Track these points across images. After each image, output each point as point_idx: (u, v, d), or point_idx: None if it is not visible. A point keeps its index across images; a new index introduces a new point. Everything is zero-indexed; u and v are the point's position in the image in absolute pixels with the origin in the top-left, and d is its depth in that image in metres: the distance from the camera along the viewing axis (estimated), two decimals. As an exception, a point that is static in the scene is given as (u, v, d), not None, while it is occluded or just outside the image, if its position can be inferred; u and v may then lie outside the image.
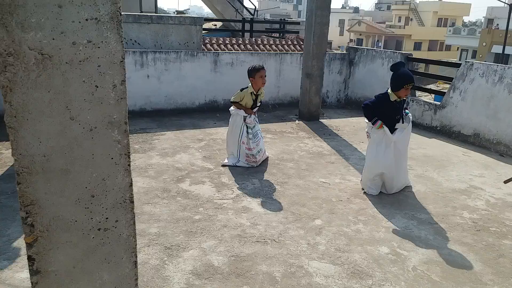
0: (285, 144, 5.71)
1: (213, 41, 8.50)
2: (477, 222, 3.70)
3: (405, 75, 3.85)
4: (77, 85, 1.03)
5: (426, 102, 7.02)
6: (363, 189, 4.24)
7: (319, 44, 6.69)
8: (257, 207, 3.79)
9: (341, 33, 56.81)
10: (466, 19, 59.40)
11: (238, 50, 8.17)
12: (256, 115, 4.80)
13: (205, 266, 2.84)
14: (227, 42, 8.47)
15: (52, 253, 1.09)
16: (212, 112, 7.15)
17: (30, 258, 1.08)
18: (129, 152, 1.14)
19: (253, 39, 8.86)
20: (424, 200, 4.11)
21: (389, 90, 3.97)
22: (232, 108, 4.75)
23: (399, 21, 54.45)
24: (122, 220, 1.16)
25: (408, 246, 3.25)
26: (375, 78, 7.84)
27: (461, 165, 5.25)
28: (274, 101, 7.83)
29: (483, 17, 46.04)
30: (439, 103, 6.75)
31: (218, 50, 8.15)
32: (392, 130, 4.00)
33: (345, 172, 4.81)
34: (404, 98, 4.01)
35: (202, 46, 7.72)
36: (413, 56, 7.34)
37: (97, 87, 1.06)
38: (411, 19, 53.14)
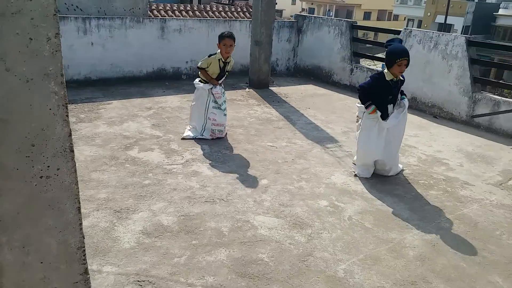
0: (235, 112, 5.81)
1: (160, 8, 8.27)
2: (408, 176, 4.07)
3: (398, 49, 3.59)
4: (11, 37, 1.07)
5: (368, 68, 7.37)
6: (355, 174, 3.99)
7: (267, 11, 6.74)
8: (206, 171, 3.91)
9: (293, 2, 56.54)
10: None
11: (186, 17, 8.02)
12: (223, 85, 4.66)
13: (155, 226, 2.95)
14: (174, 8, 8.27)
15: (-5, 200, 1.16)
16: (160, 80, 7.06)
17: (-27, 205, 1.14)
18: (66, 103, 1.20)
19: (202, 5, 8.72)
20: (363, 159, 4.42)
21: (385, 70, 3.73)
22: (196, 80, 4.64)
23: (350, -10, 54.95)
24: (64, 168, 1.23)
25: (345, 199, 3.53)
26: (322, 45, 8.05)
27: (398, 127, 5.63)
28: (224, 69, 7.85)
29: (428, -14, 47.52)
30: (380, 69, 7.09)
31: (165, 16, 7.95)
32: (385, 111, 3.76)
33: (292, 136, 5.03)
34: (401, 78, 3.78)
35: (149, 12, 7.50)
36: (357, 24, 7.59)
37: (31, 39, 1.10)
38: (361, -12, 53.80)
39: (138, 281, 2.39)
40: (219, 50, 4.43)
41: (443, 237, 3.05)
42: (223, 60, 4.47)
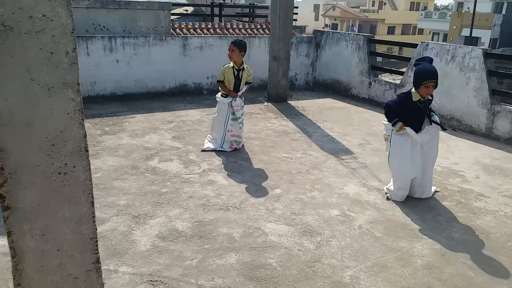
0: (253, 124, 5.97)
1: (183, 26, 8.62)
2: (421, 188, 4.07)
3: (425, 71, 3.42)
4: (35, 52, 1.25)
5: (387, 81, 7.39)
6: (387, 196, 3.82)
7: (285, 27, 6.93)
8: (222, 180, 4.05)
9: (316, 18, 56.95)
10: (438, 2, 60.66)
11: (208, 34, 8.32)
12: (243, 98, 4.79)
13: (170, 231, 3.10)
14: (196, 26, 8.60)
15: (19, 192, 1.32)
16: (182, 95, 7.33)
17: (1, 196, 1.31)
18: (82, 109, 1.37)
19: (223, 23, 9.02)
20: (377, 170, 4.46)
21: (412, 89, 3.58)
22: (218, 95, 4.84)
23: (373, 5, 54.95)
24: (79, 166, 1.40)
25: (356, 209, 3.59)
26: (340, 60, 8.15)
27: (415, 139, 5.63)
28: (244, 84, 8.06)
29: (453, 0, 47.05)
30: (399, 82, 7.13)
31: (187, 34, 8.28)
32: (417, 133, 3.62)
33: (307, 148, 5.12)
34: (430, 98, 3.62)
35: (171, 30, 7.83)
36: (374, 38, 7.67)
37: (52, 53, 1.28)
38: (385, 3, 53.73)
39: (151, 281, 2.53)
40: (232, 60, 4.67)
41: (453, 247, 3.05)
42: (236, 68, 4.66)
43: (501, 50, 30.72)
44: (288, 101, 7.47)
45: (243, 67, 4.71)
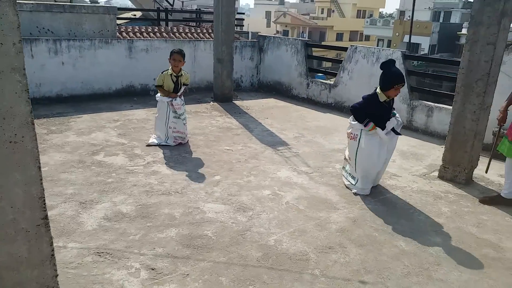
0: (198, 122, 6.32)
1: (129, 30, 8.82)
2: (345, 171, 4.63)
3: (396, 75, 3.68)
4: (-12, 43, 1.57)
5: (322, 82, 8.03)
6: (354, 192, 4.02)
7: (227, 31, 7.36)
8: (165, 170, 4.38)
9: (268, 25, 58.13)
10: (383, 11, 63.95)
11: (154, 38, 8.58)
12: (182, 98, 5.10)
13: (115, 213, 3.39)
14: (143, 30, 8.83)
15: (-22, 157, 1.63)
16: (129, 96, 7.53)
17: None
18: (27, 90, 1.70)
19: (169, 27, 9.31)
20: (307, 158, 4.98)
21: (378, 90, 3.81)
22: (158, 95, 5.11)
23: (322, 12, 56.98)
24: (27, 136, 1.71)
25: (285, 189, 4.06)
26: (281, 63, 8.71)
27: (345, 132, 6.25)
28: (191, 85, 8.33)
29: (396, 9, 49.79)
30: (332, 82, 7.78)
31: (133, 38, 8.49)
32: (382, 128, 3.88)
33: (248, 141, 5.56)
34: (393, 98, 3.90)
35: (118, 34, 8.02)
36: (311, 43, 8.30)
37: (2, 44, 1.60)
38: (333, 11, 55.88)
39: (98, 253, 2.83)
40: (170, 66, 4.95)
41: (364, 215, 3.59)
42: (175, 75, 4.95)
43: (439, 55, 33.17)
44: (233, 101, 7.89)
45: (182, 73, 5.02)
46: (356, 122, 3.93)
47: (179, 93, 5.06)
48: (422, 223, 3.50)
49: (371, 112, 3.82)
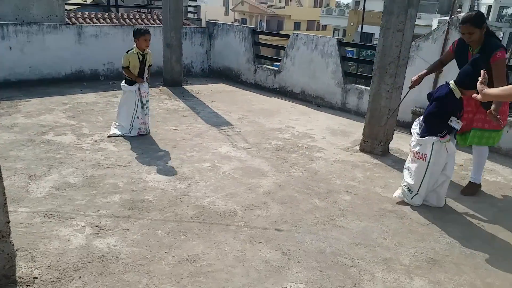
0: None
1: (78, 15, 8.86)
2: (279, 146, 5.15)
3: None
4: None
5: (268, 68, 8.53)
6: (407, 202, 3.79)
7: (176, 17, 7.65)
8: (111, 147, 4.70)
9: (226, 13, 57.81)
10: (341, 0, 65.10)
11: (104, 24, 8.69)
12: (147, 84, 5.10)
13: (63, 183, 3.71)
14: (92, 16, 8.90)
15: None
16: (79, 81, 7.67)
17: None
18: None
19: (120, 13, 9.42)
20: (248, 136, 5.45)
21: (452, 85, 3.39)
22: (122, 83, 5.03)
23: (280, 1, 57.38)
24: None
25: (224, 161, 4.52)
26: (230, 49, 9.11)
27: (286, 114, 6.80)
28: (142, 71, 8.61)
29: (351, -1, 50.94)
30: (277, 68, 8.29)
31: (83, 23, 8.56)
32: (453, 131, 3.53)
33: (194, 121, 5.96)
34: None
35: (66, 19, 8.08)
36: (257, 30, 8.75)
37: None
38: (291, 0, 56.46)
39: (46, 215, 3.16)
40: (135, 45, 4.92)
41: (289, 181, 4.13)
42: (141, 53, 4.94)
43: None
44: (183, 86, 8.22)
45: (146, 51, 5.00)
46: (427, 136, 3.47)
47: (144, 78, 5.04)
48: (337, 186, 4.09)
49: (450, 110, 3.40)
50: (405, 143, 5.49)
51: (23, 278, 2.47)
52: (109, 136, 4.99)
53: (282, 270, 2.73)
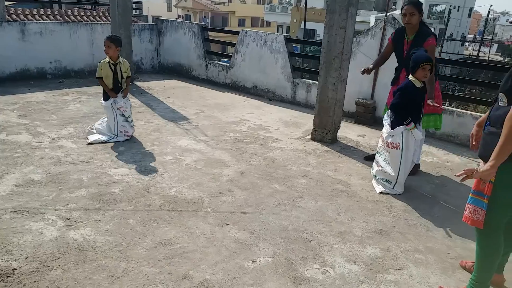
0: (99, 102, 6.54)
1: (19, 12, 8.50)
2: (237, 138, 5.41)
3: (420, 56, 3.68)
4: None
5: (220, 64, 8.73)
6: (382, 192, 4.05)
7: (124, 14, 7.62)
8: (70, 145, 4.71)
9: (169, 9, 56.85)
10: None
11: (47, 20, 8.42)
12: (128, 98, 4.99)
13: (26, 181, 3.71)
14: (34, 13, 8.58)
15: None
16: (25, 80, 7.41)
17: None
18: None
19: (63, 10, 9.14)
20: (206, 129, 5.65)
21: (410, 77, 3.80)
22: (102, 101, 4.92)
23: (224, -2, 57.25)
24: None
25: (186, 154, 4.70)
26: (180, 46, 9.19)
27: (240, 108, 7.07)
28: (90, 68, 8.41)
29: (293, -5, 51.95)
30: (228, 64, 8.53)
31: (25, 20, 8.24)
32: (418, 119, 3.92)
33: (150, 117, 6.05)
34: (423, 85, 3.82)
35: (7, 16, 7.74)
36: (206, 27, 8.91)
37: None
38: (235, -4, 56.51)
39: (15, 211, 3.19)
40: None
41: (249, 169, 4.40)
42: (112, 62, 4.80)
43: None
44: (134, 82, 8.20)
45: (119, 61, 4.85)
46: (397, 127, 3.87)
47: (121, 94, 4.90)
48: (293, 171, 4.43)
49: (412, 99, 3.79)
50: (351, 131, 5.99)
51: (2, 270, 2.53)
52: (89, 144, 4.73)
53: (251, 247, 3.00)
